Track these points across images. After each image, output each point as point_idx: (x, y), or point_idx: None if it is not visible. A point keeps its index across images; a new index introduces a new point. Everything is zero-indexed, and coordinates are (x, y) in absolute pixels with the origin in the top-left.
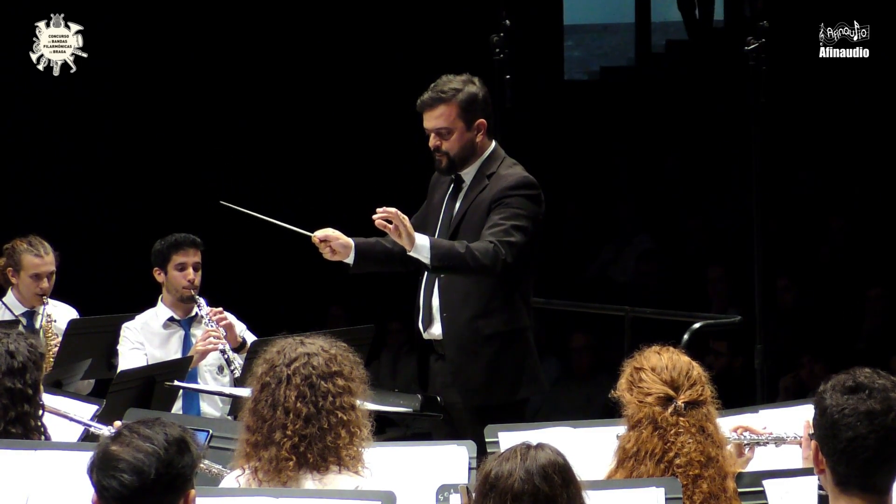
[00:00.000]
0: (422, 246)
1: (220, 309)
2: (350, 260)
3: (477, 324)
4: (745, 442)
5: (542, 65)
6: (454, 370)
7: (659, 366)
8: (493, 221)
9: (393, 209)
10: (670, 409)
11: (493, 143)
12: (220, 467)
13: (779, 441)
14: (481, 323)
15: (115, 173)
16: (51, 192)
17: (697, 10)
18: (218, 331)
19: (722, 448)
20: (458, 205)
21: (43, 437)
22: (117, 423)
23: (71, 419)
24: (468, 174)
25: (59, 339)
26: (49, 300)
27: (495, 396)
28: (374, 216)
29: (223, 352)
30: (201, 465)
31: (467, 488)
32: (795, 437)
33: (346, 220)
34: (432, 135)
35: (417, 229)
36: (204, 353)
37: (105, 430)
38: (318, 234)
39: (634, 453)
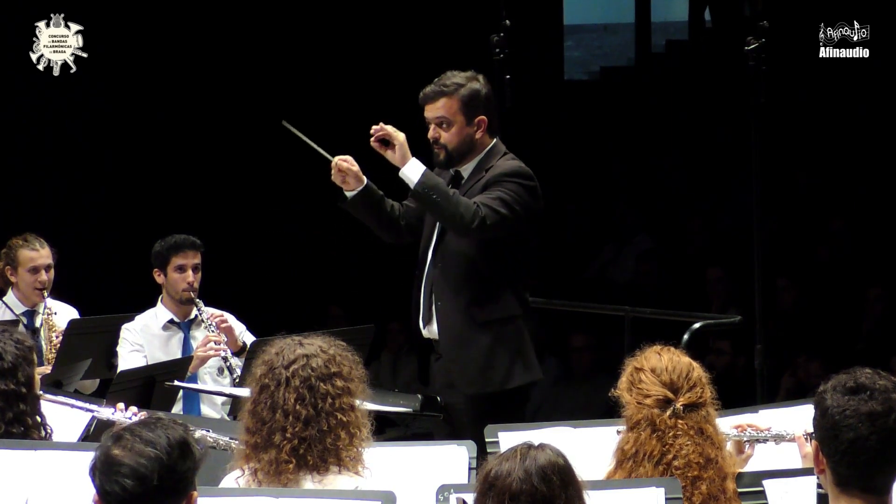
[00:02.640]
0: (416, 167)
1: (222, 314)
2: (352, 194)
3: (471, 311)
4: (745, 439)
5: (542, 65)
6: (448, 359)
7: (658, 367)
8: (481, 196)
9: (388, 127)
10: (669, 412)
11: (495, 140)
12: (227, 439)
13: (779, 438)
14: (475, 311)
15: (115, 173)
16: (51, 191)
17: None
18: (219, 336)
19: (721, 449)
20: None
21: (44, 433)
22: (120, 406)
23: (73, 406)
24: (467, 170)
25: (61, 331)
26: (49, 300)
27: (490, 384)
28: (371, 135)
29: (224, 359)
30: (219, 442)
31: (464, 501)
32: (797, 436)
33: (347, 217)
34: (432, 126)
35: (419, 222)
36: (204, 360)
37: (109, 413)
38: (338, 160)
39: (633, 455)
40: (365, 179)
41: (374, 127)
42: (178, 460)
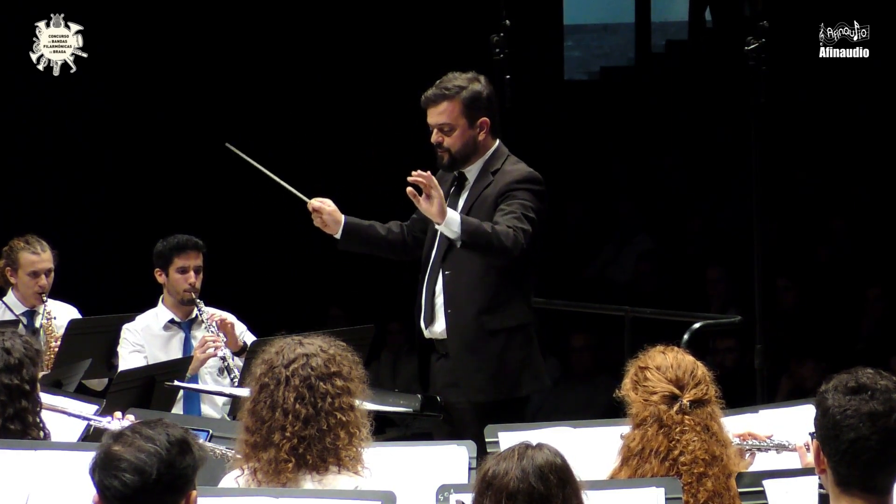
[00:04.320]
0: (452, 220)
1: (223, 317)
2: (338, 235)
3: (482, 320)
4: (747, 448)
5: (542, 65)
6: (457, 366)
7: (664, 365)
8: (504, 211)
9: (427, 173)
10: (675, 408)
11: (497, 142)
12: (223, 448)
13: (780, 448)
14: (486, 319)
15: (115, 173)
16: (51, 191)
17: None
18: (217, 337)
19: (726, 447)
20: (461, 201)
21: (42, 434)
22: (117, 415)
23: (70, 414)
24: (471, 171)
25: (60, 336)
26: (49, 300)
27: (498, 392)
28: (409, 178)
29: (223, 359)
30: (216, 451)
31: (462, 503)
32: (797, 446)
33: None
34: (435, 130)
35: (419, 225)
36: (203, 361)
37: (105, 422)
38: (314, 201)
39: (639, 451)
40: (342, 218)
41: (415, 172)
42: (178, 457)
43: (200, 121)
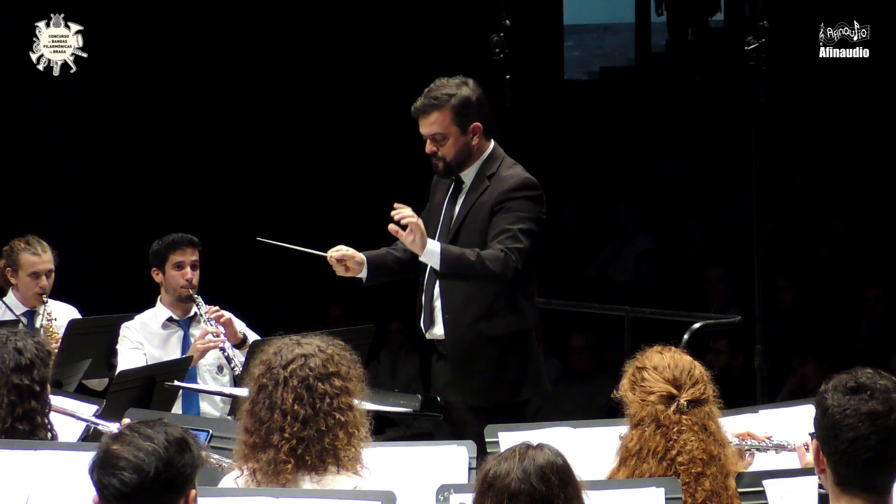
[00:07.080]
0: (432, 251)
1: (217, 308)
2: (363, 275)
3: (479, 326)
4: (746, 448)
5: (542, 65)
6: (456, 371)
7: (661, 365)
8: (500, 227)
9: (408, 211)
10: (673, 408)
11: (493, 144)
12: (228, 461)
13: (779, 448)
14: (484, 325)
15: (114, 173)
16: (51, 191)
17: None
18: (217, 329)
19: (724, 447)
20: (458, 207)
21: (49, 435)
22: (125, 421)
23: (78, 418)
24: (468, 175)
25: (60, 336)
26: (49, 300)
27: (497, 398)
28: (392, 213)
29: (223, 349)
30: (210, 459)
31: None
32: (797, 446)
33: (348, 218)
34: (428, 140)
35: None
36: (203, 352)
37: (112, 427)
38: (333, 253)
39: (637, 451)
40: (363, 257)
41: (393, 212)
42: (176, 455)
43: (200, 121)
